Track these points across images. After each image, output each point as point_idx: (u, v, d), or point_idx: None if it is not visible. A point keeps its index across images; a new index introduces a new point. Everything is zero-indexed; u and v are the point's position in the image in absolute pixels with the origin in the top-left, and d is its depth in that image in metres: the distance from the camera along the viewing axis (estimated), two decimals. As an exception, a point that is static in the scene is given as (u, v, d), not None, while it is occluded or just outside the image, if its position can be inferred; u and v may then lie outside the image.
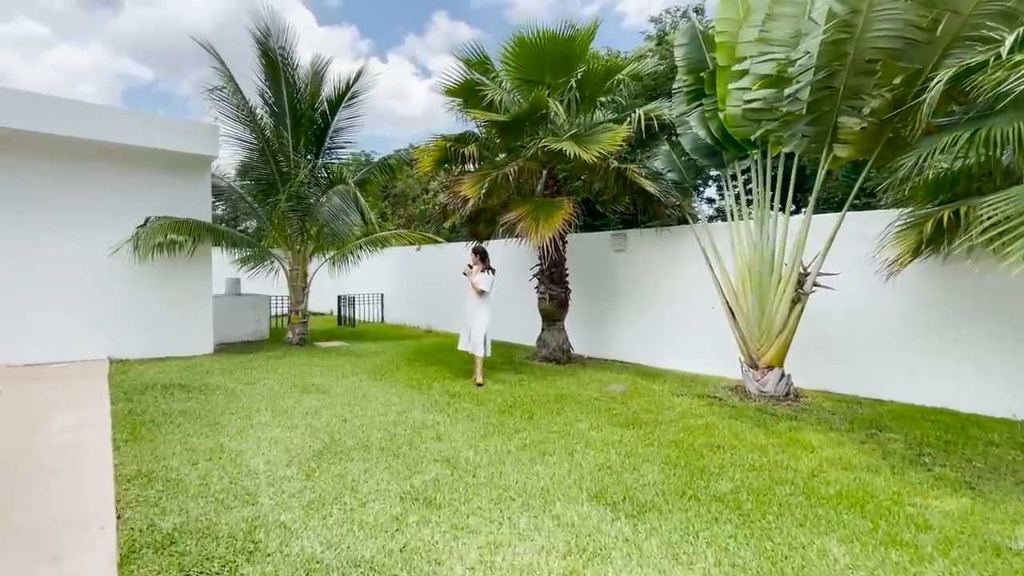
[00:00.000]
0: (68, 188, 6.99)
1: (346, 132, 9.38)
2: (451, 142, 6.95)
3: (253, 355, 7.90)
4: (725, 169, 5.91)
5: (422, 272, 12.28)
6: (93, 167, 7.15)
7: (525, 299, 8.67)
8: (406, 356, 7.97)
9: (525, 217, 6.35)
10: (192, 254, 7.84)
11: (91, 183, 7.15)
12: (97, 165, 7.17)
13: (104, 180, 7.24)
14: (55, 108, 6.46)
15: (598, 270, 8.34)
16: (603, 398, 5.38)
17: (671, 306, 7.39)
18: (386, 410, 4.81)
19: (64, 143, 6.77)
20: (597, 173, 6.59)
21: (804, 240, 5.12)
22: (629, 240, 7.92)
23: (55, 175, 6.91)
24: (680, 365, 7.20)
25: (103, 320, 7.30)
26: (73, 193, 7.02)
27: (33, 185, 6.77)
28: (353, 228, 8.07)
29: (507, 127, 6.67)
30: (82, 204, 7.09)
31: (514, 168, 6.34)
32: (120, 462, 3.41)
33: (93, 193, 7.18)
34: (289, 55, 8.49)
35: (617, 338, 8.08)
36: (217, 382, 5.88)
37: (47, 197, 6.86)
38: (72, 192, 7.01)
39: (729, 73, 5.21)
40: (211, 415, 4.54)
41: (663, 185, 6.62)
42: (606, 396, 5.46)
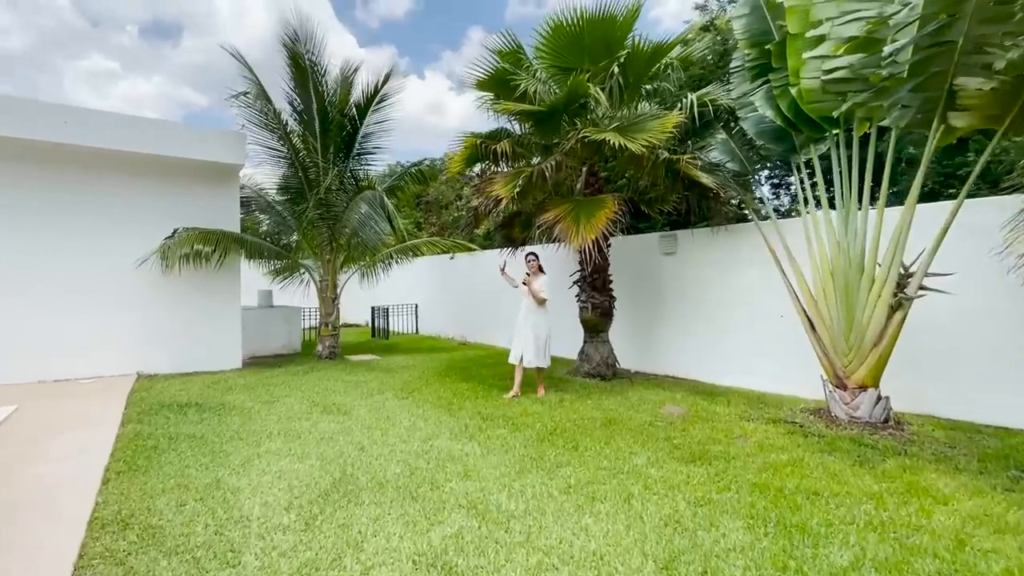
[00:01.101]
0: (95, 200, 6.89)
1: (376, 137, 9.05)
2: (482, 139, 6.41)
3: (280, 370, 7.58)
4: (797, 155, 5.08)
5: (456, 281, 11.81)
6: (120, 178, 7.04)
7: (564, 309, 7.99)
8: (438, 371, 7.43)
9: (564, 218, 5.71)
10: (220, 265, 7.63)
11: (118, 194, 7.04)
12: (124, 176, 7.06)
13: (131, 191, 7.12)
14: (81, 119, 6.37)
15: (644, 276, 7.57)
16: (659, 423, 4.62)
17: (730, 315, 6.53)
18: (409, 436, 4.24)
19: (90, 154, 6.68)
20: (644, 167, 5.87)
21: (904, 235, 4.23)
22: (679, 242, 7.12)
23: (83, 186, 6.82)
24: (743, 382, 6.32)
25: (132, 335, 7.14)
26: (100, 205, 6.92)
27: (60, 197, 6.70)
28: (383, 236, 7.66)
29: (542, 119, 6.07)
30: (109, 216, 6.98)
31: (551, 164, 5.72)
32: (103, 500, 2.97)
33: (120, 204, 7.06)
34: (318, 60, 8.24)
35: (668, 351, 7.27)
36: (236, 401, 5.50)
37: (75, 210, 6.77)
38: (99, 204, 6.91)
39: (803, 41, 4.42)
40: (219, 440, 4.11)
41: (720, 178, 5.83)
42: (662, 420, 4.70)
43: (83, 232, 6.81)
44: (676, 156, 5.60)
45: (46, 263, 6.63)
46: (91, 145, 6.45)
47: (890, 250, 4.28)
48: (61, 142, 6.30)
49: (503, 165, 6.74)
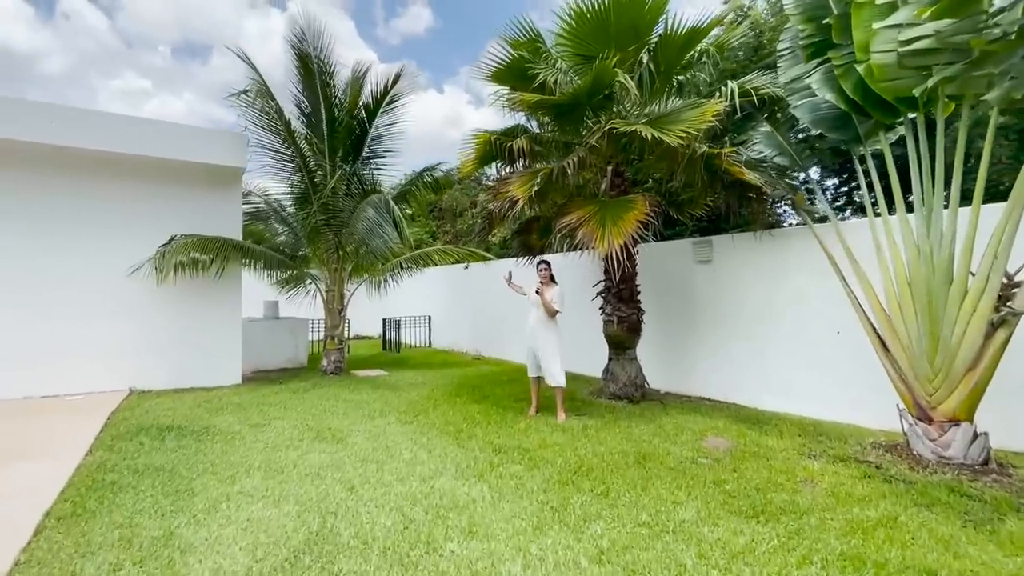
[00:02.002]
0: (88, 205, 6.53)
1: (386, 140, 8.59)
2: (497, 136, 5.84)
3: (280, 387, 7.05)
4: (861, 145, 4.37)
5: (470, 292, 11.23)
6: (114, 182, 6.67)
7: (585, 322, 7.33)
8: (448, 390, 6.81)
9: (588, 220, 5.08)
10: (221, 275, 7.19)
11: (112, 199, 6.67)
12: (118, 179, 6.69)
13: (126, 195, 6.75)
14: (68, 118, 6.01)
15: (675, 286, 6.87)
16: (702, 460, 3.90)
17: (774, 330, 5.78)
18: (408, 473, 3.61)
19: (81, 156, 6.31)
20: (678, 163, 5.22)
21: (1008, 237, 3.48)
22: (715, 248, 6.41)
23: (74, 190, 6.46)
24: (790, 407, 5.54)
25: (125, 349, 6.72)
26: (93, 210, 6.55)
27: (49, 202, 6.34)
28: (391, 244, 7.13)
29: (563, 112, 5.49)
30: (103, 222, 6.60)
31: (572, 161, 5.11)
32: (26, 560, 2.41)
33: (115, 210, 6.69)
34: (326, 60, 7.84)
35: (701, 370, 6.52)
36: (223, 423, 4.97)
37: (66, 215, 6.41)
38: (92, 209, 6.54)
39: (873, 9, 3.75)
40: (189, 475, 3.55)
41: (766, 174, 5.13)
42: (706, 456, 3.98)
43: (74, 239, 6.44)
44: (716, 150, 4.92)
45: (34, 272, 6.26)
46: (81, 146, 6.08)
47: (988, 255, 3.53)
48: (48, 143, 5.94)
49: (520, 165, 6.15)
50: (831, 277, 5.01)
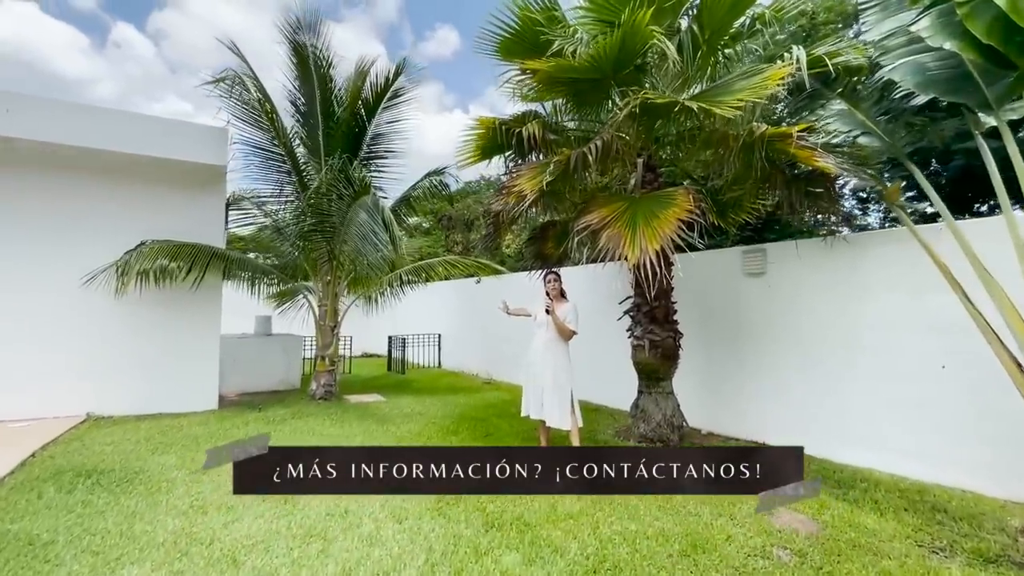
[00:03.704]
0: (44, 206, 5.82)
1: (387, 139, 7.77)
2: (503, 122, 4.87)
3: (257, 415, 6.15)
4: (992, 110, 3.20)
5: (481, 309, 10.21)
6: (76, 181, 5.96)
7: (605, 346, 6.24)
8: (446, 424, 5.77)
9: (614, 221, 4.03)
10: (198, 286, 6.38)
11: (73, 200, 5.96)
12: (81, 178, 5.98)
13: (89, 196, 6.03)
14: (25, 107, 5.32)
15: (718, 304, 5.71)
16: (779, 551, 2.73)
17: (849, 360, 4.56)
18: (359, 562, 2.56)
19: (36, 150, 5.60)
20: (730, 151, 4.15)
21: None
22: (770, 257, 5.26)
23: (29, 190, 5.76)
24: (878, 462, 4.28)
25: (84, 369, 5.93)
26: (50, 212, 5.84)
27: (3, 202, 5.66)
28: (385, 252, 6.21)
29: (583, 90, 4.49)
30: (60, 226, 5.88)
31: (595, 147, 4.07)
32: None
33: (74, 212, 5.97)
34: (322, 51, 7.10)
35: (754, 408, 5.31)
36: (159, 466, 4.03)
37: (17, 218, 5.71)
38: (49, 211, 5.83)
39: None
40: (62, 554, 2.59)
41: (846, 161, 4.00)
42: (784, 545, 2.81)
43: (27, 244, 5.72)
44: (782, 129, 3.82)
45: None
46: (34, 139, 5.36)
47: None
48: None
49: (533, 158, 5.17)
50: (933, 293, 3.85)
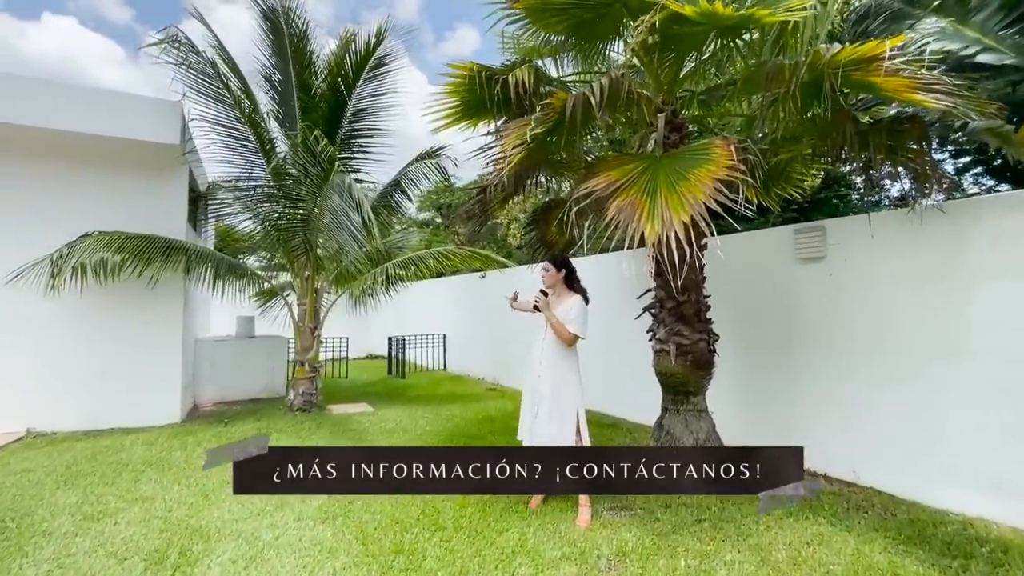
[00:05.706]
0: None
1: (372, 115, 6.85)
2: (486, 70, 3.82)
3: (220, 430, 5.34)
4: None
5: (486, 307, 9.24)
6: (11, 164, 5.24)
7: (620, 350, 5.20)
8: (433, 443, 4.83)
9: (628, 186, 2.99)
10: (154, 283, 5.60)
11: (10, 187, 5.24)
12: (10, 161, 5.25)
13: (21, 182, 5.30)
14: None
15: (762, 299, 4.59)
16: None
17: (948, 372, 3.40)
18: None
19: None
20: (787, 87, 3.02)
21: None
22: (830, 237, 4.11)
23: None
24: (1002, 513, 3.13)
25: (23, 379, 5.22)
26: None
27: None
28: (360, 239, 5.30)
29: (586, 20, 3.45)
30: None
31: (600, 85, 3.01)
32: None
33: (13, 201, 5.25)
34: (296, 18, 6.22)
35: (813, 429, 4.17)
36: (53, 508, 3.20)
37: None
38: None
39: None
40: None
41: (954, 95, 2.84)
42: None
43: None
44: (863, 47, 2.68)
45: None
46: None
47: None
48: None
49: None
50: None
